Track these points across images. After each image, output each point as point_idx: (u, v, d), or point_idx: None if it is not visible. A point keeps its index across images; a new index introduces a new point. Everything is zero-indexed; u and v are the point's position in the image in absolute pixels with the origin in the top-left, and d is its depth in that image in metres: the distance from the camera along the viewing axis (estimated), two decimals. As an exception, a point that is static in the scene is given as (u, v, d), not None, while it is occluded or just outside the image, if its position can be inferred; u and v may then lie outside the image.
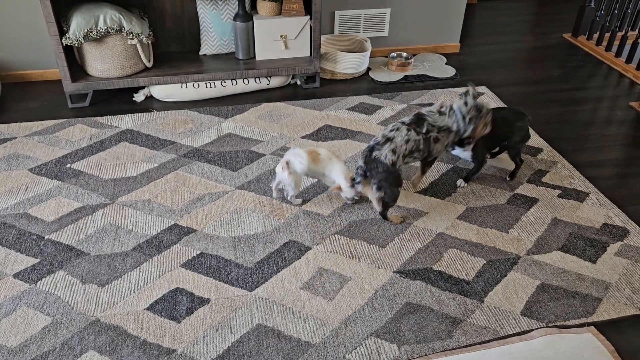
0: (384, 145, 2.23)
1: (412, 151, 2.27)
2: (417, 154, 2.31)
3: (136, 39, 3.08)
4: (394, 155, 2.22)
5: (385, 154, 2.21)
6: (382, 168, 2.22)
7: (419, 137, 2.27)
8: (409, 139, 2.24)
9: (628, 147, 3.02)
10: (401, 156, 2.24)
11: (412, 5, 3.81)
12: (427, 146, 2.31)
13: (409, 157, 2.28)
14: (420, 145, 2.28)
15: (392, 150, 2.21)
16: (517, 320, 1.96)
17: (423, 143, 2.28)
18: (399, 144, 2.23)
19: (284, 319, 1.94)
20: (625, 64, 3.87)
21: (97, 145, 2.85)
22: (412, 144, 2.25)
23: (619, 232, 2.38)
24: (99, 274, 2.10)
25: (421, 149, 2.30)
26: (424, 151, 2.32)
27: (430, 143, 2.31)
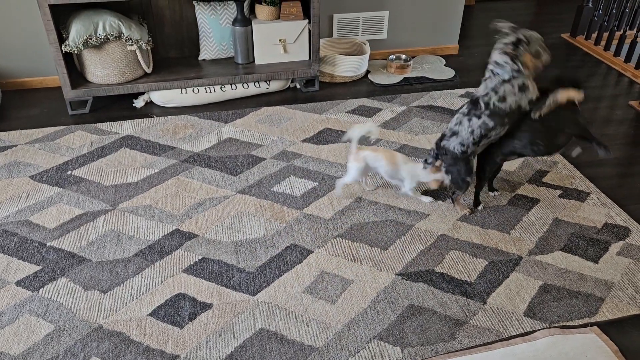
0: (451, 138, 2.31)
1: (483, 135, 2.23)
2: (493, 132, 2.21)
3: (135, 45, 3.09)
4: (463, 147, 2.28)
5: (454, 145, 2.30)
6: (451, 156, 2.32)
7: (482, 118, 2.20)
8: (473, 128, 2.23)
9: (628, 146, 3.02)
10: (471, 144, 2.26)
11: (411, 8, 3.82)
12: (499, 117, 2.17)
13: (485, 139, 2.24)
14: (489, 123, 2.19)
15: (460, 143, 2.29)
16: (520, 321, 1.96)
17: (490, 118, 2.18)
18: (465, 137, 2.26)
19: (287, 323, 1.94)
20: (624, 63, 3.88)
21: (97, 152, 2.86)
22: (478, 130, 2.22)
23: (620, 231, 2.38)
24: (101, 281, 2.10)
25: (494, 126, 2.19)
26: (499, 124, 2.18)
27: (498, 110, 2.16)
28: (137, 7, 3.35)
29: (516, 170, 2.76)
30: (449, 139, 2.31)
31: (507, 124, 2.22)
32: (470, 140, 2.26)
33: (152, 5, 3.36)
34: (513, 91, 2.15)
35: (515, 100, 2.16)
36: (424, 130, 3.08)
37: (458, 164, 2.32)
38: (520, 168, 2.78)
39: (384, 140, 2.99)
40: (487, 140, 2.28)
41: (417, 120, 3.19)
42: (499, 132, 2.24)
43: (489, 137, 2.26)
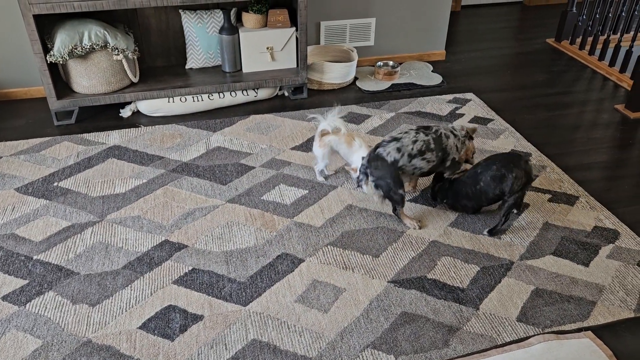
0: (389, 144, 2.30)
1: (422, 151, 2.28)
2: (430, 155, 2.31)
3: (122, 55, 3.06)
4: (399, 154, 2.26)
5: (389, 150, 2.27)
6: (382, 165, 2.27)
7: (428, 137, 2.31)
8: (417, 139, 2.30)
9: (615, 149, 3.05)
10: (407, 155, 2.27)
11: (397, 14, 3.84)
12: (439, 144, 2.31)
13: (419, 158, 2.29)
14: (431, 145, 2.30)
15: (397, 149, 2.27)
16: (513, 326, 1.96)
17: (434, 141, 2.31)
18: (406, 143, 2.28)
19: (279, 334, 1.92)
20: (609, 67, 3.93)
21: (84, 163, 2.82)
22: (421, 143, 2.29)
23: (610, 234, 2.39)
24: (89, 294, 2.06)
25: (433, 148, 2.31)
26: (437, 150, 2.32)
27: (441, 139, 2.32)
28: (123, 16, 3.33)
29: (505, 175, 2.77)
30: (387, 145, 2.30)
31: (435, 160, 2.34)
32: (408, 149, 2.27)
33: (138, 14, 3.34)
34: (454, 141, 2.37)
35: (450, 146, 2.36)
36: (413, 136, 3.09)
37: (386, 177, 2.27)
38: (509, 173, 2.79)
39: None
40: (418, 162, 2.30)
41: (406, 126, 3.19)
42: (430, 162, 2.33)
43: (423, 158, 2.30)
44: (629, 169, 2.87)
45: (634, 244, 2.34)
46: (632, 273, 2.19)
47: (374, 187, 2.33)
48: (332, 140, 2.59)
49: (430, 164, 2.34)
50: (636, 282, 2.15)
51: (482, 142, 3.04)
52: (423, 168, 2.34)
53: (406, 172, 2.33)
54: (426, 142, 2.30)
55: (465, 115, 3.32)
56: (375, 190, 2.33)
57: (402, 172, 2.31)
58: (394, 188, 2.30)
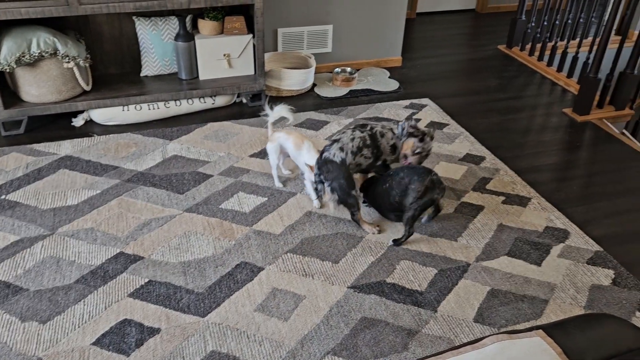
0: (332, 146, 2.37)
1: (360, 147, 2.35)
2: (366, 151, 2.37)
3: (72, 62, 2.98)
4: (343, 152, 2.33)
5: (334, 152, 2.33)
6: (333, 167, 2.32)
7: (364, 133, 2.39)
8: (354, 137, 2.37)
9: (564, 151, 3.16)
10: (350, 153, 2.33)
11: (354, 21, 3.88)
12: (374, 141, 2.38)
13: (358, 155, 2.36)
14: (367, 141, 2.37)
15: (340, 148, 2.34)
16: (470, 327, 2.00)
17: (369, 138, 2.38)
18: (346, 142, 2.35)
19: (239, 344, 1.89)
20: (557, 73, 4.08)
21: (34, 174, 2.72)
22: (359, 140, 2.36)
23: (560, 234, 2.48)
24: (39, 311, 1.99)
25: (369, 144, 2.37)
26: (373, 147, 2.38)
27: (376, 137, 2.40)
28: (74, 23, 3.24)
29: (461, 179, 2.83)
30: (330, 147, 2.36)
31: (371, 157, 2.40)
32: (349, 146, 2.34)
33: (90, 21, 3.26)
34: (388, 141, 2.43)
35: (383, 146, 2.42)
36: (371, 142, 3.12)
37: (339, 177, 2.31)
38: (464, 176, 2.86)
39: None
40: (359, 158, 2.37)
41: (364, 132, 3.22)
42: (367, 158, 2.39)
43: (362, 155, 2.36)
44: (577, 170, 2.99)
45: (583, 243, 2.43)
46: (581, 271, 2.27)
47: (329, 192, 2.36)
48: (281, 136, 2.61)
49: (367, 161, 2.41)
50: (586, 279, 2.23)
51: (438, 147, 3.10)
52: (362, 165, 2.41)
53: (353, 171, 2.40)
54: (362, 138, 2.37)
55: (422, 121, 3.38)
56: (331, 194, 2.36)
57: (353, 169, 2.39)
58: (348, 189, 2.33)
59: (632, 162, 3.08)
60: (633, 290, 2.19)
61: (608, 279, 2.24)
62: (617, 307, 2.10)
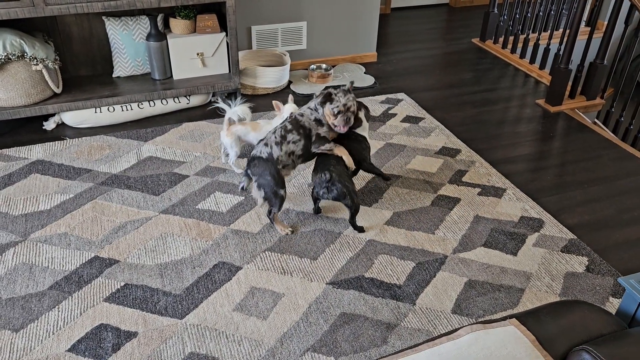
0: (258, 145, 2.36)
1: (283, 135, 2.30)
2: (291, 136, 2.30)
3: (41, 64, 2.92)
4: (268, 147, 2.30)
5: (260, 149, 2.33)
6: (259, 163, 2.31)
7: (284, 123, 2.36)
8: (275, 129, 2.36)
9: (537, 142, 3.20)
10: (274, 145, 2.29)
11: (328, 18, 3.87)
12: (296, 123, 2.33)
13: (285, 143, 2.30)
14: (288, 126, 2.33)
15: (264, 144, 2.32)
16: (449, 318, 2.01)
17: (290, 123, 2.34)
18: (269, 137, 2.34)
19: (218, 344, 1.88)
20: (529, 65, 4.13)
21: (4, 180, 2.66)
22: (280, 129, 2.33)
23: (535, 223, 2.51)
24: (12, 319, 1.94)
25: (291, 128, 2.31)
26: (296, 128, 2.31)
27: (297, 119, 2.34)
28: (41, 24, 3.17)
29: (437, 172, 2.85)
30: (257, 146, 2.36)
31: (302, 138, 2.33)
32: (272, 140, 2.30)
33: (58, 22, 3.20)
34: (309, 118, 2.36)
35: (307, 122, 2.35)
36: (348, 138, 3.12)
37: (266, 174, 2.28)
38: (441, 169, 2.88)
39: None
40: (288, 146, 2.30)
41: (341, 128, 3.22)
42: (297, 142, 2.32)
43: (288, 141, 2.30)
44: (550, 160, 3.03)
45: (557, 232, 2.46)
46: (556, 259, 2.31)
47: (257, 188, 2.32)
48: (240, 130, 2.66)
49: (298, 145, 2.33)
50: (560, 267, 2.27)
51: (414, 141, 3.12)
52: (296, 151, 2.33)
53: (287, 164, 2.34)
54: (283, 127, 2.34)
55: (398, 115, 3.39)
56: (258, 190, 2.32)
57: (284, 167, 2.33)
58: (275, 187, 2.29)
59: (604, 151, 3.13)
60: (606, 277, 2.23)
61: (582, 266, 2.28)
62: (591, 294, 2.14)
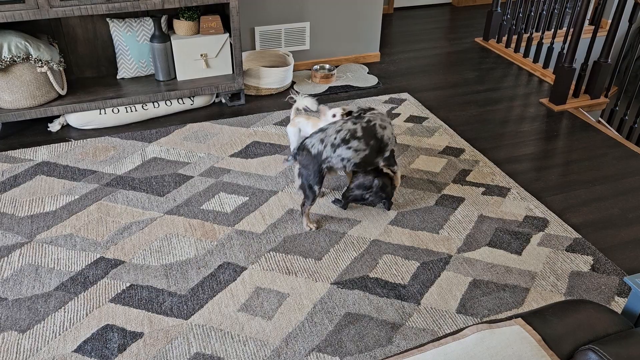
0: (315, 134, 2.24)
1: (346, 140, 2.18)
2: (355, 143, 2.18)
3: (46, 67, 2.93)
4: (321, 145, 2.19)
5: (313, 142, 2.20)
6: (306, 154, 2.23)
7: (356, 125, 2.20)
8: (342, 129, 2.20)
9: (541, 141, 3.20)
10: (329, 145, 2.18)
11: (331, 18, 3.87)
12: (369, 133, 2.20)
13: (343, 146, 2.18)
14: (358, 133, 2.19)
15: (320, 140, 2.19)
16: (453, 318, 2.01)
17: (362, 130, 2.19)
18: (330, 134, 2.19)
19: (223, 345, 1.89)
20: (533, 63, 4.12)
21: (10, 181, 2.68)
22: (345, 132, 2.18)
23: (540, 223, 2.51)
24: (18, 320, 1.95)
25: (360, 137, 2.19)
26: (366, 139, 2.20)
27: (374, 129, 2.22)
28: (46, 26, 3.19)
29: (441, 171, 2.85)
30: (313, 136, 2.24)
31: (367, 149, 2.21)
32: (331, 139, 2.18)
33: (62, 24, 3.21)
34: (392, 131, 2.32)
35: (389, 137, 2.29)
36: (351, 138, 3.12)
37: (308, 167, 2.23)
38: (444, 169, 2.87)
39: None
40: (344, 152, 2.19)
41: (344, 128, 3.23)
42: (359, 151, 2.20)
43: (349, 147, 2.18)
44: (554, 159, 3.02)
45: (561, 231, 2.46)
46: (561, 258, 2.30)
47: (297, 175, 2.30)
48: (301, 122, 2.65)
49: (360, 154, 2.22)
50: (565, 266, 2.26)
51: (418, 140, 3.12)
52: (352, 158, 2.22)
53: (334, 166, 2.24)
54: (352, 130, 2.20)
55: (401, 115, 3.39)
56: (297, 178, 2.30)
57: (330, 168, 2.25)
58: (312, 182, 2.25)
59: (609, 150, 3.13)
60: (612, 276, 2.22)
61: (587, 265, 2.27)
62: (597, 293, 2.14)
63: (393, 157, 2.37)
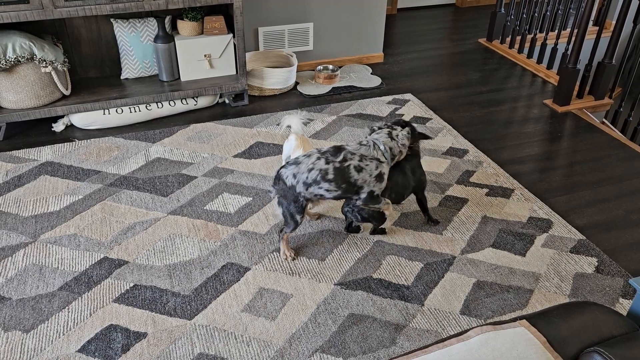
0: (290, 166, 2.11)
1: (316, 180, 2.06)
2: (327, 185, 2.07)
3: (50, 67, 2.94)
4: (294, 180, 2.08)
5: (287, 174, 2.10)
6: (283, 186, 2.11)
7: (329, 165, 2.07)
8: (313, 167, 2.06)
9: (545, 142, 3.19)
10: (302, 183, 2.07)
11: (334, 19, 3.87)
12: (342, 175, 2.07)
13: (314, 186, 2.07)
14: (329, 175, 2.06)
15: (293, 175, 2.08)
16: (457, 319, 2.01)
17: (335, 172, 2.06)
18: (302, 170, 2.07)
19: (227, 345, 1.89)
20: (537, 64, 4.11)
21: (14, 181, 2.68)
22: (316, 173, 2.06)
23: (543, 224, 2.50)
24: (23, 319, 1.96)
25: (331, 179, 2.06)
26: (337, 182, 2.07)
27: (347, 171, 2.07)
28: (50, 26, 3.19)
29: (445, 172, 2.85)
30: (288, 167, 2.11)
31: (339, 190, 2.09)
32: (303, 177, 2.07)
33: (67, 25, 3.22)
34: (371, 173, 2.11)
35: (365, 180, 2.11)
36: (355, 139, 3.12)
37: (287, 197, 2.12)
38: (448, 170, 2.87)
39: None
40: (317, 190, 2.08)
41: (348, 128, 3.23)
42: (332, 191, 2.09)
43: (320, 187, 2.08)
44: (558, 160, 3.02)
45: (565, 232, 2.45)
46: (565, 260, 2.30)
47: (277, 204, 2.19)
48: (292, 140, 2.50)
49: (332, 194, 2.10)
50: (569, 268, 2.26)
51: (421, 141, 3.11)
52: (326, 195, 2.11)
53: (311, 199, 2.14)
54: (323, 171, 2.06)
55: (405, 116, 3.39)
56: (277, 206, 2.19)
57: (309, 199, 2.13)
58: (292, 211, 2.13)
59: (613, 151, 3.12)
60: (616, 277, 2.22)
61: (591, 267, 2.27)
62: (601, 295, 2.13)
63: (373, 198, 2.15)
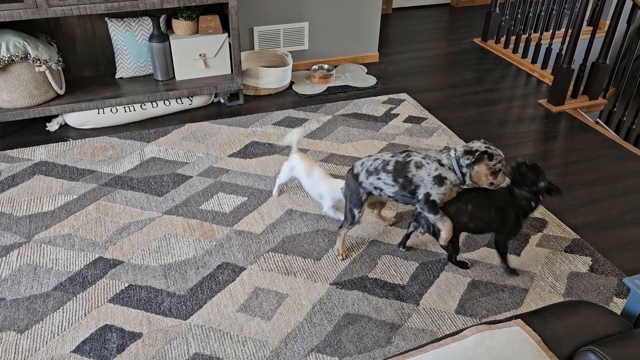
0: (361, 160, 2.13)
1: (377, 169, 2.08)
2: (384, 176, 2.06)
3: (44, 66, 2.92)
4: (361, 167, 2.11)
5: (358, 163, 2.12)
6: (350, 173, 2.14)
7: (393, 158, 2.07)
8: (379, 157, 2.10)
9: (540, 141, 3.20)
10: (365, 171, 2.10)
11: (329, 18, 3.87)
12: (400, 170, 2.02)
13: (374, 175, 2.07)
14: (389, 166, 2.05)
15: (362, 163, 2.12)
16: (452, 319, 2.02)
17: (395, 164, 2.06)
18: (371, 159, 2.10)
19: (222, 345, 1.88)
20: (531, 64, 4.13)
21: (7, 181, 2.67)
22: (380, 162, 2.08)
23: (538, 223, 2.51)
24: (17, 320, 1.95)
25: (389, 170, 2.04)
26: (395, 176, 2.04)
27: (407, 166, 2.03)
28: (44, 25, 3.18)
29: (440, 172, 2.85)
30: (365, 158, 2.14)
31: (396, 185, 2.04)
32: (368, 164, 2.10)
33: (61, 24, 3.20)
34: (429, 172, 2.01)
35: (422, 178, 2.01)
36: (350, 139, 3.12)
37: (350, 185, 2.14)
38: (443, 169, 2.87)
39: (311, 150, 3.00)
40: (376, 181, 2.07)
41: (343, 128, 3.23)
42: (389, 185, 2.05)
43: (379, 178, 2.06)
44: (553, 160, 3.03)
45: (560, 232, 2.46)
46: (559, 259, 2.31)
47: (342, 193, 2.22)
48: (294, 159, 2.46)
49: (390, 189, 2.06)
50: (564, 267, 2.27)
51: (416, 141, 3.12)
52: (384, 190, 2.07)
53: (372, 192, 2.12)
54: (385, 162, 2.06)
55: (400, 115, 3.39)
56: (342, 197, 2.22)
57: (369, 193, 2.12)
58: (352, 203, 2.15)
59: (607, 151, 3.13)
60: (610, 277, 2.23)
61: (586, 266, 2.28)
62: (595, 294, 2.14)
63: (429, 203, 2.00)
